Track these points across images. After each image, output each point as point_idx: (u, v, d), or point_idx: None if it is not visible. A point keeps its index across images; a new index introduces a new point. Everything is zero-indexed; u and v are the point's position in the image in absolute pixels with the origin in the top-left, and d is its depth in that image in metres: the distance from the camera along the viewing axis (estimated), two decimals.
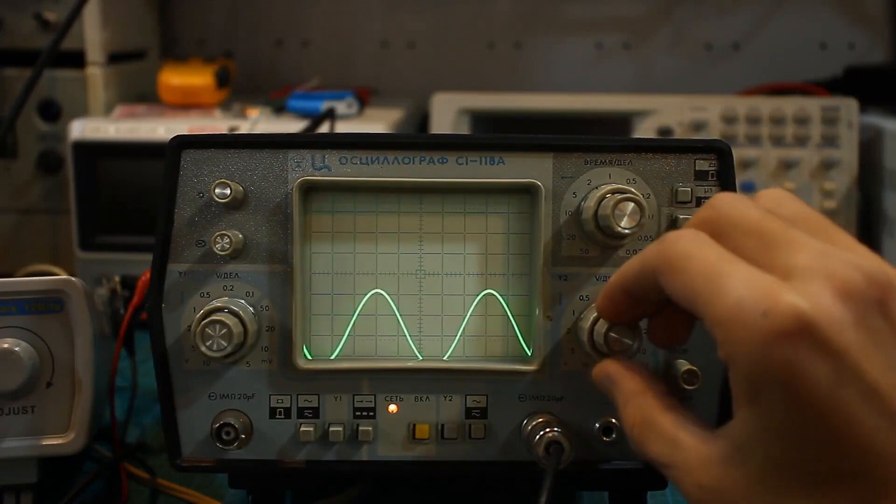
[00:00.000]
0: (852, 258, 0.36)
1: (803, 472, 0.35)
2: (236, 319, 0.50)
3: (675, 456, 0.40)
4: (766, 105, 1.05)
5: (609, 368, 0.47)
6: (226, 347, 0.50)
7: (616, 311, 0.46)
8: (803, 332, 0.34)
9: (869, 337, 0.34)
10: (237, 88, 1.17)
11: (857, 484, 0.34)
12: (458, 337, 0.54)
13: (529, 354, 0.53)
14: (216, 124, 0.97)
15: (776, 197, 0.41)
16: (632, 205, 0.49)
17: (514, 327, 0.54)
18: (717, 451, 0.38)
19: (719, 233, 0.39)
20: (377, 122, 1.02)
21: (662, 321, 0.45)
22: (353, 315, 0.54)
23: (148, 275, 0.55)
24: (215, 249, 0.51)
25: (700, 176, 0.53)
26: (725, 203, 0.40)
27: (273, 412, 0.53)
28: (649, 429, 0.42)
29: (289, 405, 0.53)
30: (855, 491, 0.34)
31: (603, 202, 0.50)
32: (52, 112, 1.06)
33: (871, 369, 0.34)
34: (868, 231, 1.06)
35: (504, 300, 0.54)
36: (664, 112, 1.04)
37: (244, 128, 0.97)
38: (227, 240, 0.51)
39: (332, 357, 0.54)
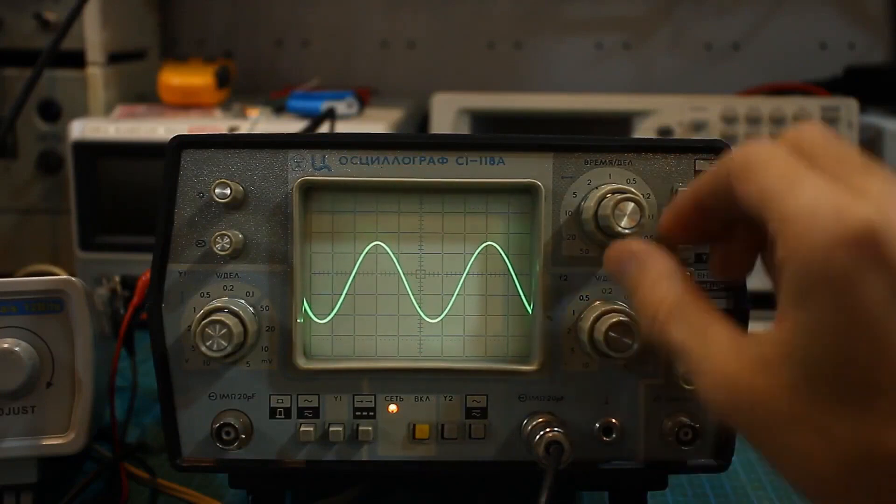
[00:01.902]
0: None
1: (840, 383, 0.35)
2: (236, 319, 0.50)
3: (703, 345, 0.39)
4: (766, 105, 1.05)
5: (635, 247, 0.45)
6: (226, 347, 0.50)
7: (681, 227, 0.44)
8: (871, 241, 0.34)
9: None
10: (237, 88, 1.17)
11: (889, 403, 0.34)
12: (458, 336, 0.54)
13: (530, 310, 0.53)
14: (216, 124, 0.97)
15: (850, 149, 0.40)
16: (632, 205, 0.49)
17: (515, 282, 0.54)
18: (751, 351, 0.37)
19: (800, 151, 0.39)
20: (377, 122, 1.02)
21: (725, 249, 0.44)
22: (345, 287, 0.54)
23: (148, 275, 0.55)
24: (215, 249, 0.51)
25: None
26: (809, 127, 0.40)
27: (273, 412, 0.53)
28: (680, 312, 0.40)
29: (289, 405, 0.53)
30: (888, 409, 0.34)
31: (603, 202, 0.50)
32: (52, 112, 1.06)
33: None
34: None
35: (504, 254, 0.54)
36: (664, 112, 1.04)
37: (244, 128, 0.97)
38: (227, 240, 0.51)
39: (326, 320, 0.54)
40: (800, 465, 0.36)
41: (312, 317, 0.54)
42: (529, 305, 0.53)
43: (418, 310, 0.54)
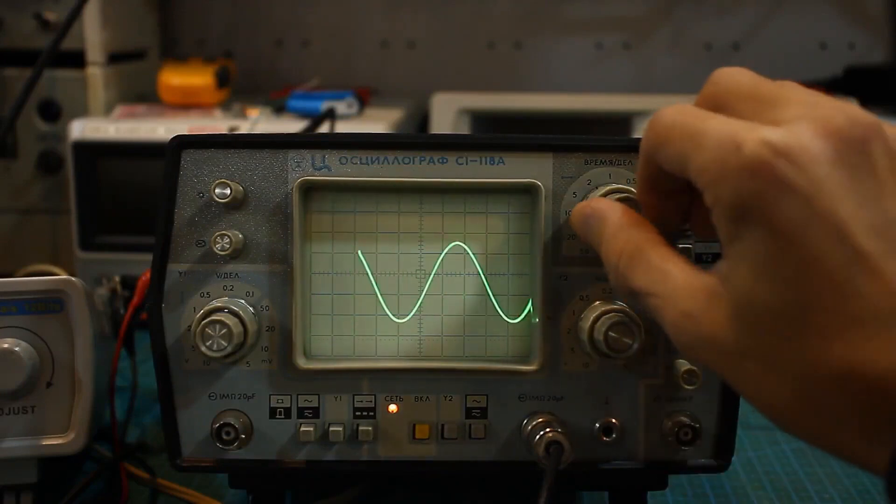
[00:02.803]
0: (840, 105, 0.36)
1: (776, 307, 0.35)
2: (236, 319, 0.50)
3: (663, 285, 0.40)
4: None
5: (595, 203, 0.47)
6: (226, 347, 0.50)
7: (655, 213, 0.45)
8: (776, 163, 0.35)
9: (845, 174, 0.35)
10: (237, 88, 1.17)
11: (825, 320, 0.34)
12: (458, 337, 0.54)
13: (530, 311, 0.53)
14: (216, 124, 0.97)
15: (793, 86, 0.41)
16: (631, 203, 0.49)
17: (515, 282, 0.54)
18: (702, 284, 0.39)
19: (720, 104, 0.40)
20: (377, 122, 1.02)
21: (700, 212, 0.45)
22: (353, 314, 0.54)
23: (148, 275, 0.55)
24: (215, 249, 0.51)
25: None
26: (722, 74, 0.41)
27: (273, 412, 0.53)
28: (639, 258, 0.42)
29: (289, 405, 0.53)
30: (823, 327, 0.34)
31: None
32: (52, 112, 1.06)
33: (842, 204, 0.34)
34: None
35: (505, 254, 0.54)
36: None
37: (244, 128, 0.97)
38: (227, 240, 0.51)
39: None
40: (757, 394, 0.37)
41: (312, 317, 0.54)
42: (529, 305, 0.53)
43: (418, 310, 0.54)
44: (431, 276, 0.54)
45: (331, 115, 1.00)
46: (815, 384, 0.34)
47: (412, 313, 0.54)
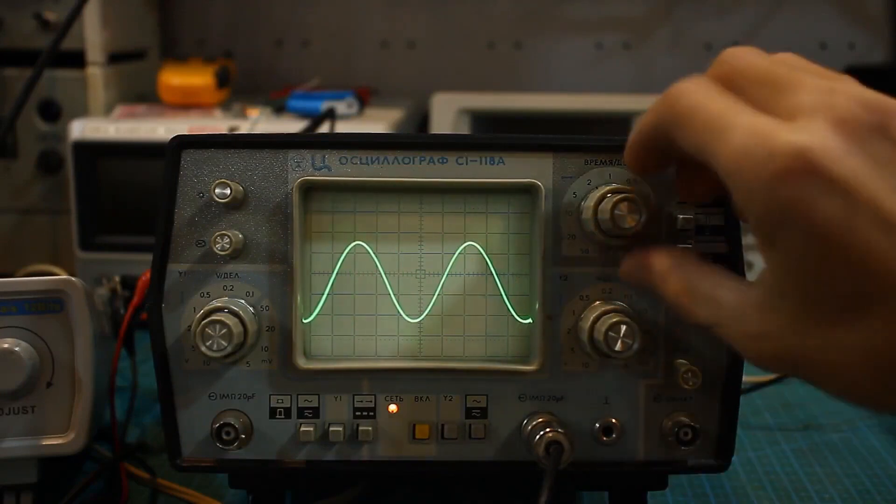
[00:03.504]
0: (854, 90, 0.37)
1: (832, 304, 0.36)
2: (236, 319, 0.50)
3: (720, 314, 0.41)
4: None
5: (638, 256, 0.48)
6: (226, 347, 0.50)
7: (640, 164, 0.47)
8: (807, 167, 0.35)
9: (871, 161, 0.35)
10: (237, 88, 1.17)
11: (885, 307, 0.35)
12: (458, 337, 0.54)
13: (530, 311, 0.53)
14: (216, 124, 0.97)
15: (787, 54, 0.42)
16: (632, 205, 0.49)
17: (515, 282, 0.54)
18: (754, 300, 0.40)
19: (731, 85, 0.41)
20: (377, 122, 1.02)
21: (688, 174, 0.46)
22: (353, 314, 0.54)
23: (148, 275, 0.55)
24: (215, 249, 0.51)
25: None
26: (735, 55, 0.42)
27: (273, 412, 0.53)
28: (693, 295, 0.43)
29: (289, 405, 0.53)
30: (884, 314, 0.35)
31: (603, 202, 0.50)
32: (52, 112, 1.06)
33: (877, 192, 0.35)
34: None
35: (505, 254, 0.54)
36: None
37: (244, 128, 0.97)
38: (227, 240, 0.51)
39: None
40: (835, 382, 0.38)
41: (312, 317, 0.54)
42: (529, 305, 0.53)
43: (418, 310, 0.54)
44: (431, 276, 0.54)
45: (331, 115, 1.00)
46: (890, 364, 0.35)
47: (412, 313, 0.54)
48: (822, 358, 0.37)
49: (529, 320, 0.53)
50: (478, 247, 0.54)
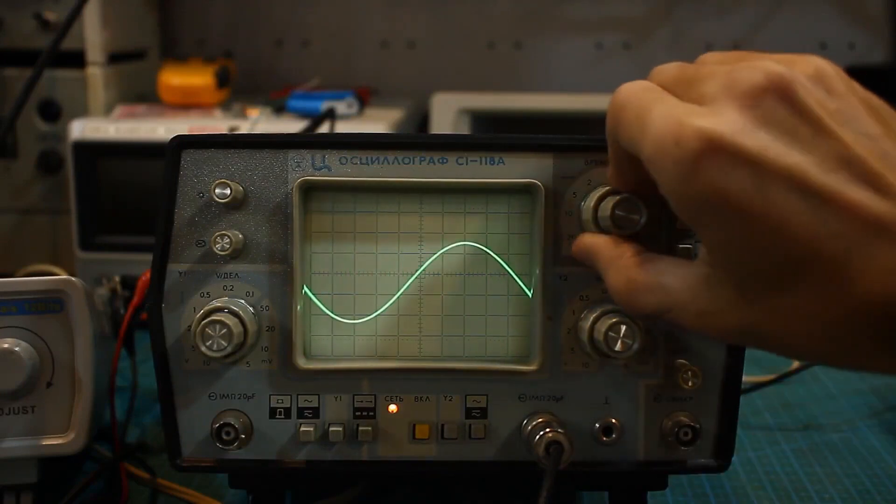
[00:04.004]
0: (756, 64, 0.38)
1: (767, 274, 0.36)
2: (236, 319, 0.50)
3: (668, 300, 0.42)
4: None
5: (585, 241, 0.49)
6: (226, 347, 0.50)
7: (623, 180, 0.47)
8: (713, 148, 0.36)
9: (777, 131, 0.36)
10: (237, 88, 1.17)
11: (814, 271, 0.35)
12: (458, 337, 0.54)
13: (530, 311, 0.53)
14: (216, 124, 0.97)
15: (709, 53, 0.43)
16: (632, 205, 0.49)
17: (515, 282, 0.54)
18: (699, 279, 0.40)
19: (660, 81, 0.43)
20: (377, 122, 1.02)
21: (621, 162, 0.46)
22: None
23: (148, 275, 0.55)
24: (215, 249, 0.51)
25: None
26: (655, 71, 0.44)
27: (273, 412, 0.53)
28: (635, 286, 0.43)
29: (289, 405, 0.53)
30: (816, 278, 0.35)
31: (603, 202, 0.50)
32: (52, 112, 1.06)
33: (786, 160, 0.35)
34: None
35: (505, 254, 0.54)
36: None
37: (244, 128, 0.97)
38: (227, 240, 0.51)
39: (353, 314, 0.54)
40: (790, 347, 0.38)
41: (312, 317, 0.54)
42: (529, 306, 0.53)
43: (418, 310, 0.54)
44: (431, 276, 0.54)
45: (331, 115, 1.00)
46: (832, 322, 0.36)
47: (412, 313, 0.54)
48: (771, 326, 0.38)
49: (529, 320, 0.53)
50: (478, 247, 0.54)
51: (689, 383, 0.52)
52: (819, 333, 0.36)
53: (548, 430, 0.51)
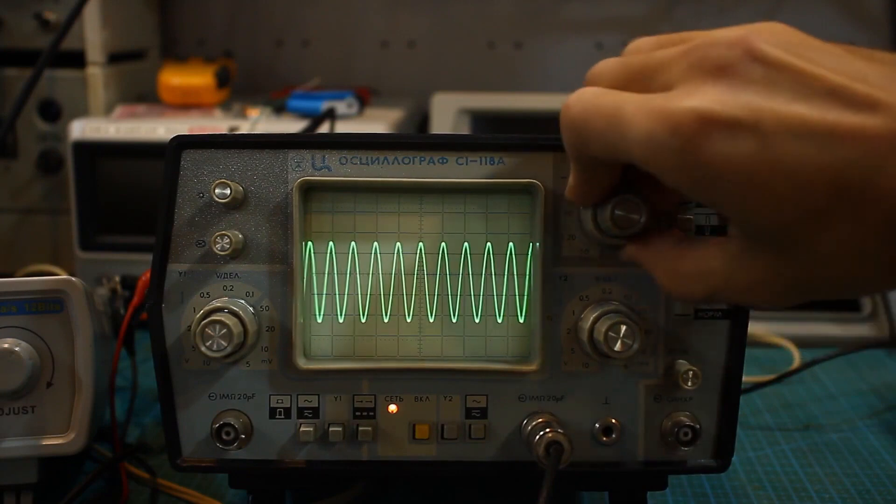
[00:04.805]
0: (710, 39, 0.39)
1: (801, 224, 0.37)
2: (236, 319, 0.50)
3: (714, 282, 0.42)
4: None
5: (630, 252, 0.48)
6: (226, 347, 0.50)
7: (590, 193, 0.47)
8: (708, 124, 0.36)
9: (759, 88, 0.37)
10: (237, 88, 1.17)
11: (845, 199, 0.35)
12: (458, 337, 0.54)
13: (530, 311, 0.53)
14: (216, 124, 0.97)
15: (635, 42, 0.44)
16: (632, 205, 0.49)
17: (515, 282, 0.54)
18: (736, 255, 0.40)
19: (613, 83, 0.42)
20: (377, 122, 1.02)
21: (586, 177, 0.46)
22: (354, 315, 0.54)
23: (148, 275, 0.55)
24: (215, 249, 0.51)
25: None
26: (595, 70, 0.44)
27: (273, 412, 0.53)
28: (680, 278, 0.43)
29: (289, 405, 0.53)
30: (850, 204, 0.35)
31: (599, 205, 0.50)
32: (52, 112, 1.06)
33: (777, 110, 0.36)
34: None
35: (504, 254, 0.54)
36: None
37: (244, 128, 0.97)
38: (227, 240, 0.51)
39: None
40: (845, 284, 0.39)
41: (312, 317, 0.54)
42: (529, 306, 0.53)
43: (418, 310, 0.54)
44: (431, 276, 0.54)
45: (331, 115, 1.00)
46: (876, 246, 0.36)
47: (412, 313, 0.54)
48: (822, 272, 0.38)
49: (529, 320, 0.53)
50: (478, 247, 0.54)
51: (689, 383, 0.52)
52: (868, 261, 0.36)
53: (548, 430, 0.51)
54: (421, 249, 0.54)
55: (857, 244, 0.36)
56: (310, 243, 0.53)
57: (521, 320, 0.54)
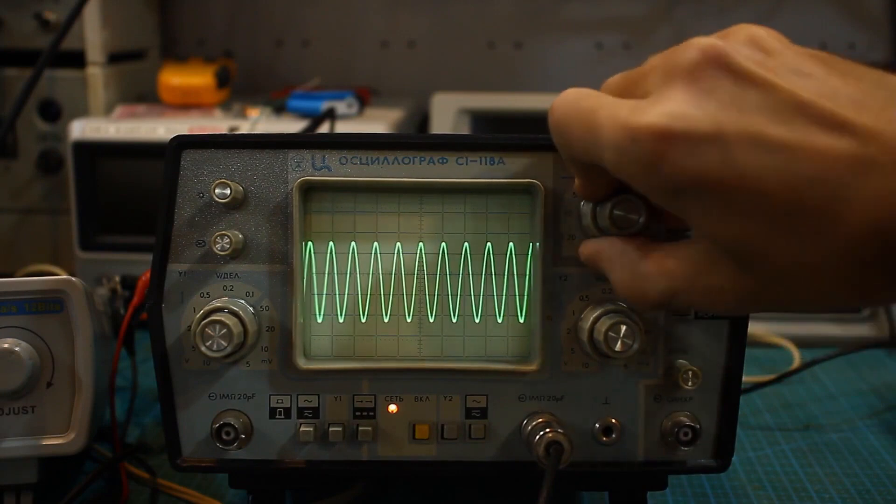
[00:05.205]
0: (689, 42, 0.38)
1: (761, 237, 0.36)
2: (236, 319, 0.50)
3: (673, 283, 0.41)
4: None
5: (588, 246, 0.48)
6: (226, 347, 0.50)
7: (593, 189, 0.47)
8: (668, 135, 0.36)
9: (725, 98, 0.36)
10: (237, 88, 1.17)
11: (807, 216, 0.35)
12: (458, 337, 0.54)
13: (530, 311, 0.53)
14: (216, 124, 0.97)
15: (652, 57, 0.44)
16: (631, 205, 0.49)
17: (515, 282, 0.54)
18: (699, 258, 0.40)
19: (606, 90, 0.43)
20: (377, 122, 1.02)
21: (586, 174, 0.46)
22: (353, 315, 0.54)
23: (148, 275, 0.55)
24: (215, 249, 0.51)
25: None
26: (604, 86, 0.44)
27: (273, 412, 0.53)
28: (640, 277, 0.43)
29: (289, 405, 0.53)
30: (811, 221, 0.35)
31: (602, 202, 0.50)
32: (52, 112, 1.06)
33: (741, 123, 0.36)
34: None
35: (504, 254, 0.54)
36: None
37: (244, 128, 0.97)
38: (227, 240, 0.51)
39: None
40: (803, 299, 0.38)
41: (312, 317, 0.54)
42: (529, 306, 0.53)
43: (418, 310, 0.54)
44: (431, 276, 0.54)
45: (331, 115, 1.00)
46: (836, 264, 0.35)
47: (412, 313, 0.54)
48: (779, 285, 0.37)
49: (529, 320, 0.53)
50: (478, 247, 0.54)
51: (689, 383, 0.52)
52: (827, 278, 0.36)
53: (548, 430, 0.51)
54: (421, 249, 0.54)
55: (815, 262, 0.36)
56: (310, 243, 0.53)
57: (521, 320, 0.54)
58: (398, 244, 0.53)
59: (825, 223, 0.35)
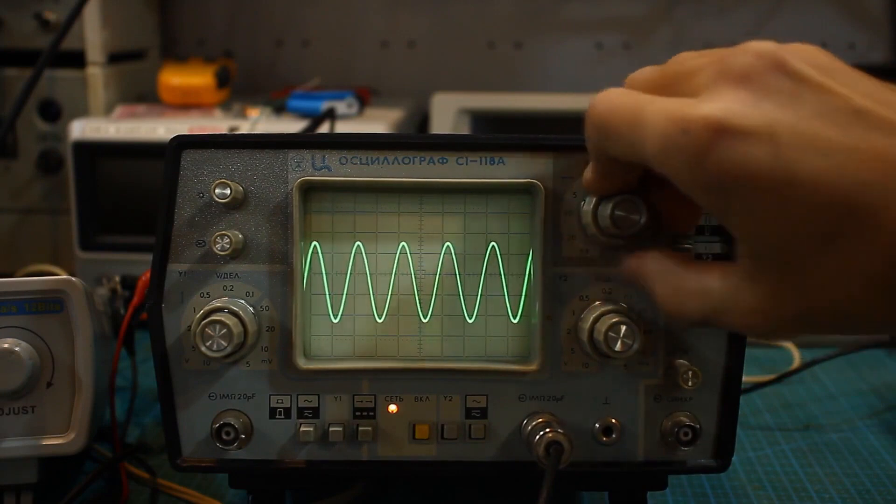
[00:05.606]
0: (740, 48, 0.38)
1: (809, 244, 0.36)
2: (236, 319, 0.50)
3: (713, 303, 0.41)
4: None
5: (633, 262, 0.48)
6: (226, 347, 0.50)
7: (607, 185, 0.47)
8: (721, 131, 0.36)
9: (781, 99, 0.36)
10: (237, 88, 1.17)
11: (859, 221, 0.35)
12: (458, 337, 0.54)
13: (530, 311, 0.53)
14: (216, 124, 0.97)
15: (680, 54, 0.44)
16: (632, 206, 0.49)
17: (515, 282, 0.54)
18: (740, 275, 0.40)
19: (639, 88, 0.43)
20: (377, 122, 1.02)
21: (602, 168, 0.46)
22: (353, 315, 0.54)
23: (148, 275, 0.55)
24: (215, 249, 0.51)
25: None
26: (634, 76, 0.45)
27: (273, 412, 0.53)
28: (682, 295, 0.43)
29: (289, 405, 0.53)
30: (863, 227, 0.35)
31: (603, 202, 0.50)
32: (52, 112, 1.06)
33: (796, 124, 0.36)
34: None
35: (504, 254, 0.54)
36: None
37: (244, 128, 0.97)
38: (227, 240, 0.51)
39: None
40: (850, 317, 0.37)
41: (312, 317, 0.54)
42: (529, 305, 0.53)
43: (418, 310, 0.54)
44: (431, 276, 0.54)
45: (331, 115, 1.00)
46: (886, 274, 0.35)
47: (412, 313, 0.54)
48: (824, 301, 0.37)
49: (529, 320, 0.53)
50: (479, 247, 0.54)
51: (689, 383, 0.52)
52: (873, 288, 0.36)
53: (548, 430, 0.51)
54: (421, 249, 0.54)
55: (863, 267, 0.35)
56: (310, 243, 0.53)
57: (521, 320, 0.54)
58: (398, 244, 0.53)
59: (877, 226, 0.35)
